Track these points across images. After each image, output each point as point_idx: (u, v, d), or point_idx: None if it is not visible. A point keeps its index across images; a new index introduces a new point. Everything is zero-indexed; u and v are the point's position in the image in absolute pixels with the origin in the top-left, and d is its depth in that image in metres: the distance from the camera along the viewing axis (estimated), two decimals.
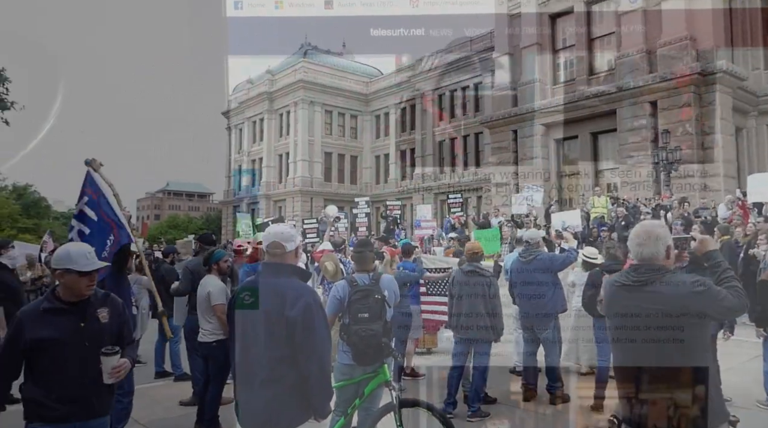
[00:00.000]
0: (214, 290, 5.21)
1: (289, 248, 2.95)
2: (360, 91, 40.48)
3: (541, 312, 5.98)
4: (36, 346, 2.73)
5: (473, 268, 5.81)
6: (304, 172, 37.95)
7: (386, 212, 19.87)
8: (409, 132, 37.96)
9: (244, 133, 42.27)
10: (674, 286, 2.56)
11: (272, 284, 2.86)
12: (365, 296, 4.20)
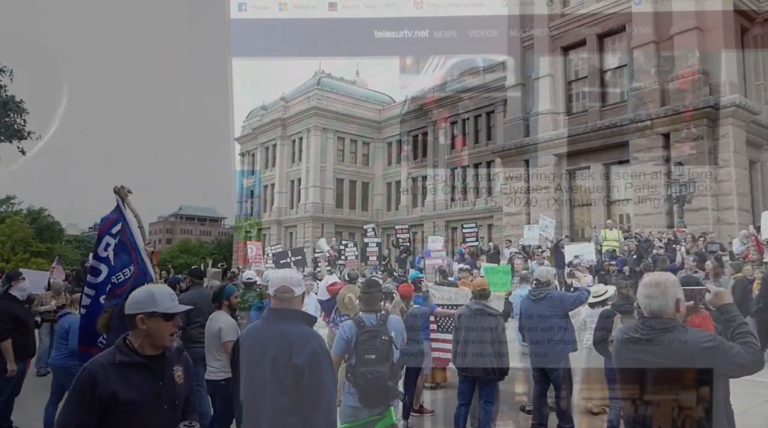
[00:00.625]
0: (225, 326, 5.17)
1: (297, 292, 2.94)
2: (372, 119, 40.90)
3: (551, 352, 5.89)
4: (112, 409, 2.28)
5: (481, 307, 5.76)
6: (315, 198, 38.14)
7: (397, 240, 19.84)
8: (421, 159, 38.14)
9: (257, 158, 42.72)
10: (683, 341, 2.51)
11: (279, 330, 2.84)
12: (372, 337, 4.17)
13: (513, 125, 24.22)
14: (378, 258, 16.77)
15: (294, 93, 40.12)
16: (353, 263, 15.50)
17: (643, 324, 2.64)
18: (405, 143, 39.27)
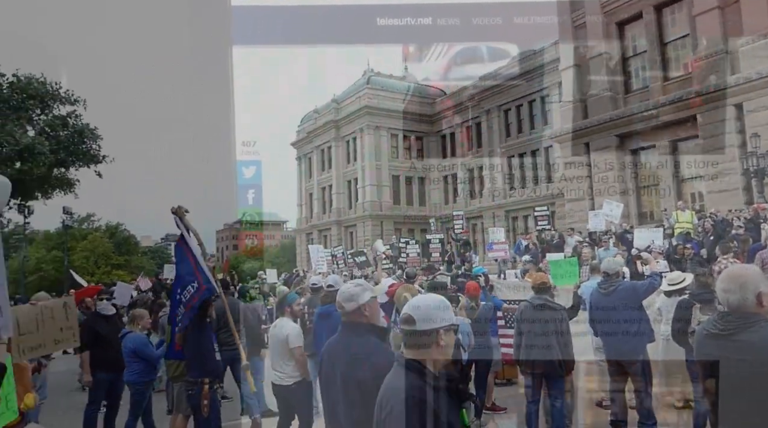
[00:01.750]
0: (291, 333, 5.33)
1: (348, 308, 2.94)
2: (424, 113, 40.73)
3: (626, 345, 5.67)
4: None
5: (543, 302, 5.61)
6: (372, 196, 38.41)
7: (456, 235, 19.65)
8: (476, 150, 37.64)
9: (313, 161, 43.45)
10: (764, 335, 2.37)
11: (345, 345, 2.89)
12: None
13: (570, 108, 23.46)
14: (440, 254, 16.58)
15: (345, 94, 40.51)
16: (415, 261, 15.36)
17: (722, 319, 2.52)
18: (459, 134, 38.88)
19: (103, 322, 7.12)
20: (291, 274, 17.67)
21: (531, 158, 33.64)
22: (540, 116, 32.60)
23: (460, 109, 38.35)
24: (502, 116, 35.44)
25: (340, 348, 2.92)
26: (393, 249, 18.10)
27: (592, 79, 22.04)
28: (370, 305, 3.03)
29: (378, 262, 14.87)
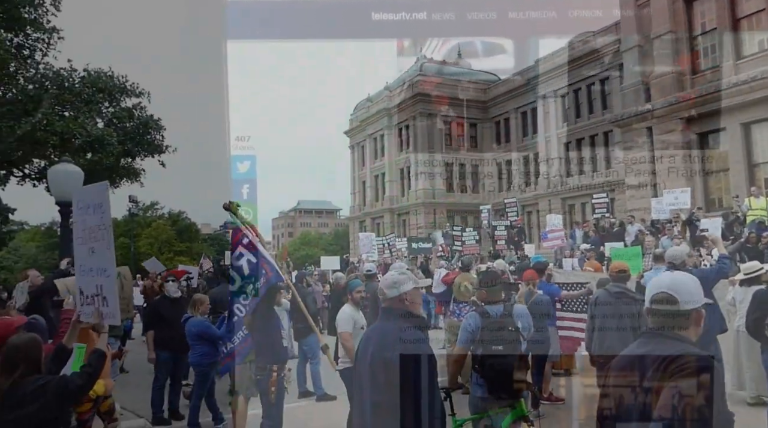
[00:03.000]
0: (340, 317, 5.43)
1: (389, 294, 2.99)
2: (478, 99, 40.09)
3: None
4: None
5: (622, 290, 5.38)
6: (425, 184, 38.26)
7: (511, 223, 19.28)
8: (532, 136, 36.79)
9: (366, 150, 43.65)
10: None
11: (380, 328, 2.99)
12: (499, 328, 4.10)
13: (632, 91, 22.49)
14: (506, 241, 16.23)
15: (398, 82, 40.39)
16: (473, 249, 15.10)
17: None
18: (514, 120, 38.08)
19: (168, 304, 7.47)
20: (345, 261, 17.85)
21: (589, 144, 32.59)
22: (599, 101, 31.48)
23: (515, 94, 37.52)
24: (559, 101, 34.45)
25: (375, 332, 3.01)
26: (446, 237, 17.94)
27: (657, 60, 21.02)
28: (411, 294, 3.04)
29: (434, 253, 14.73)
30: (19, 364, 3.09)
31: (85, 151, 10.61)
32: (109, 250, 3.64)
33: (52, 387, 3.08)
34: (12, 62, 9.87)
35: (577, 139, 33.21)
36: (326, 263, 14.70)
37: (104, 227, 3.65)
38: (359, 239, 18.42)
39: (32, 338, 3.31)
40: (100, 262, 3.68)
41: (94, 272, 3.70)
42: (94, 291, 3.69)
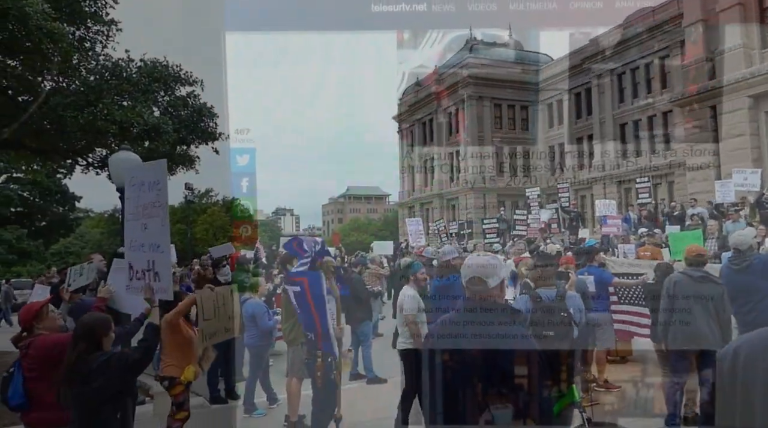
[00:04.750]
0: (406, 300, 5.50)
1: (491, 283, 2.60)
2: (530, 81, 39.07)
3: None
4: None
5: (704, 274, 5.12)
6: (475, 169, 37.76)
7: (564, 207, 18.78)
8: (586, 118, 35.61)
9: (415, 134, 43.42)
10: None
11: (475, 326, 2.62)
12: (550, 313, 4.01)
13: (694, 68, 21.35)
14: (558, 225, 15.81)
15: (447, 65, 39.84)
16: (534, 231, 14.76)
17: None
18: (567, 102, 36.93)
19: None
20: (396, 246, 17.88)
21: (647, 125, 31.26)
22: (658, 79, 30.06)
23: (567, 75, 36.34)
24: (615, 81, 33.13)
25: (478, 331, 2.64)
26: (500, 222, 17.60)
27: (722, 35, 19.84)
28: (505, 282, 2.77)
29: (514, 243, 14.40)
30: (79, 341, 3.27)
31: (142, 139, 11.03)
32: (164, 227, 3.70)
33: (114, 362, 3.27)
34: (75, 55, 10.32)
35: (633, 120, 31.92)
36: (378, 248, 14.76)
37: (159, 204, 3.71)
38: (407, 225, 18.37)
39: (95, 317, 3.48)
40: (152, 238, 3.75)
41: (146, 247, 3.78)
42: (145, 266, 3.78)
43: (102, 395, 3.22)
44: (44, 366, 3.56)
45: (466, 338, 2.61)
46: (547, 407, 2.75)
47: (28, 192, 32.72)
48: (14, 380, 3.71)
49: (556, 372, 3.91)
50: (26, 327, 3.78)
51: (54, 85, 11.38)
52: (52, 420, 3.54)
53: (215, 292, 5.02)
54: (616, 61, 32.09)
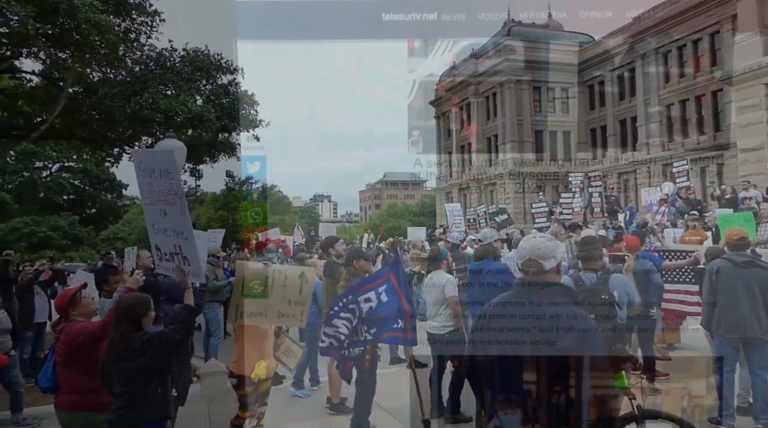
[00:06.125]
0: (448, 283, 5.48)
1: (548, 266, 2.53)
2: (570, 62, 38.06)
3: None
4: None
5: (749, 258, 4.94)
6: (513, 153, 37.19)
7: (607, 192, 18.30)
8: (629, 99, 34.53)
9: (452, 119, 43.01)
10: None
11: (534, 310, 2.57)
12: (591, 296, 3.92)
13: (746, 44, 20.37)
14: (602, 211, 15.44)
15: (484, 48, 39.18)
16: (580, 216, 14.49)
17: None
18: (609, 83, 35.85)
19: None
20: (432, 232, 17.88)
21: (695, 105, 30.08)
22: (707, 57, 28.81)
23: (611, 55, 35.25)
24: (660, 60, 31.97)
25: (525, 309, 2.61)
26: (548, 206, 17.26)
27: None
28: (561, 265, 2.68)
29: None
30: (121, 322, 3.43)
31: (186, 127, 11.29)
32: (183, 215, 3.69)
33: (155, 341, 3.43)
34: (120, 46, 10.61)
35: (680, 100, 30.77)
36: (413, 234, 14.81)
37: (175, 193, 3.69)
38: (446, 210, 18.31)
39: (134, 299, 3.62)
40: (174, 224, 3.75)
41: (170, 232, 3.80)
42: (172, 250, 3.82)
43: (143, 373, 3.39)
44: (70, 352, 3.74)
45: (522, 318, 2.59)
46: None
47: (79, 180, 34.03)
48: (47, 363, 3.93)
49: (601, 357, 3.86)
50: (62, 312, 3.95)
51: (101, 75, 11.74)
52: (77, 403, 3.71)
53: (272, 267, 4.50)
54: (662, 39, 30.92)
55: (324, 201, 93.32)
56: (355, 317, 4.66)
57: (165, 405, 3.52)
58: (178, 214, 3.71)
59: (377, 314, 4.62)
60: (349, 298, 4.63)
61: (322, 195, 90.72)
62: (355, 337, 4.70)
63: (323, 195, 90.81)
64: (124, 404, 3.38)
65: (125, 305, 3.53)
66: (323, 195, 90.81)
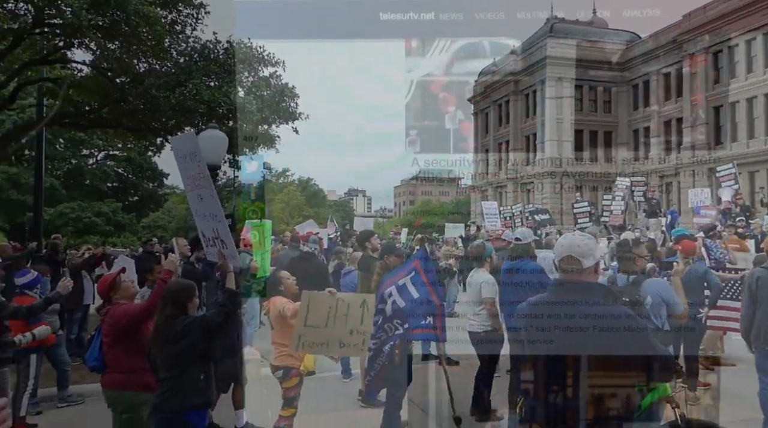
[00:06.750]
0: (485, 284, 5.43)
1: (586, 264, 2.47)
2: (614, 60, 37.15)
3: None
4: None
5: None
6: (552, 152, 36.56)
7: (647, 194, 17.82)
8: (675, 100, 33.48)
9: (490, 117, 42.54)
10: None
11: (568, 309, 2.50)
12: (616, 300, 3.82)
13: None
14: (644, 211, 15.05)
15: (525, 45, 38.57)
16: (619, 219, 14.17)
17: None
18: (654, 83, 34.84)
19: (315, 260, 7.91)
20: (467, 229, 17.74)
21: (745, 108, 28.95)
22: (762, 56, 27.68)
23: (658, 53, 34.25)
24: (710, 59, 30.88)
25: (563, 309, 2.55)
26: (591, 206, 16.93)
27: None
28: (599, 265, 2.60)
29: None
30: (166, 306, 3.52)
31: (227, 118, 11.50)
32: (213, 198, 3.78)
33: (197, 325, 3.50)
34: (166, 37, 10.86)
35: (731, 101, 29.67)
36: (450, 231, 14.74)
37: (203, 176, 3.74)
38: (483, 208, 18.14)
39: (180, 284, 3.71)
40: (210, 208, 3.81)
41: (209, 217, 3.88)
42: (213, 234, 3.91)
43: (185, 358, 3.46)
44: (115, 334, 3.88)
45: (559, 318, 2.53)
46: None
47: (123, 169, 35.14)
48: (94, 343, 4.11)
49: (636, 361, 3.74)
50: (105, 296, 4.12)
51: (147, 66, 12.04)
52: (122, 382, 3.85)
53: (336, 296, 4.49)
54: (713, 38, 29.86)
55: (358, 195, 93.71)
56: (380, 317, 4.69)
57: (208, 391, 3.59)
58: (210, 196, 3.79)
59: (406, 309, 4.61)
60: (378, 298, 4.68)
61: (357, 189, 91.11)
62: (384, 335, 4.72)
63: (357, 190, 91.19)
64: (168, 388, 3.47)
65: (172, 290, 3.61)
66: (357, 190, 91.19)
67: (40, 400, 6.27)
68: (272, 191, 46.72)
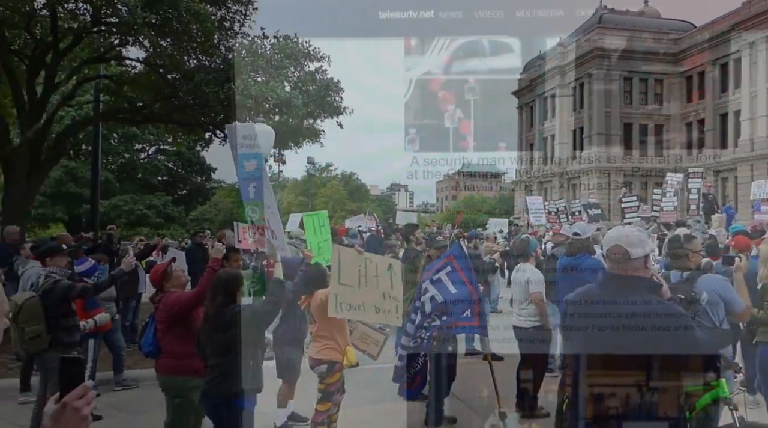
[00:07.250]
0: (532, 278, 5.38)
1: (634, 254, 2.43)
2: (666, 52, 35.85)
3: None
4: None
5: None
6: (600, 147, 35.60)
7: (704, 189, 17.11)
8: (733, 91, 32.03)
9: (536, 110, 41.75)
10: None
11: (616, 302, 2.46)
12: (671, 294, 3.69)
13: None
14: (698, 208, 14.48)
15: (573, 36, 37.62)
16: (671, 215, 13.70)
17: None
18: (711, 73, 33.43)
19: None
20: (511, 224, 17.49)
21: None
22: None
23: (714, 43, 32.81)
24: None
25: (607, 299, 2.50)
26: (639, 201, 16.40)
27: None
28: (649, 258, 2.55)
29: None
30: (217, 295, 3.62)
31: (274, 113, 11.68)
32: (267, 189, 3.85)
33: (246, 314, 3.59)
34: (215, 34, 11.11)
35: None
36: (494, 225, 14.55)
37: (260, 168, 3.87)
38: (528, 203, 17.84)
39: (230, 273, 3.83)
40: (263, 198, 3.93)
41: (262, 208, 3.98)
42: (266, 225, 3.99)
43: (234, 345, 3.55)
44: (168, 320, 4.03)
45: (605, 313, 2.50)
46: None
47: (173, 163, 36.24)
48: (148, 330, 4.27)
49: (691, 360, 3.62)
50: (157, 285, 4.29)
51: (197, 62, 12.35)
52: (175, 368, 3.99)
53: (364, 255, 4.32)
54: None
55: (401, 190, 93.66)
56: (419, 314, 4.65)
57: (256, 378, 3.68)
58: (262, 187, 3.89)
59: (443, 304, 4.56)
60: (416, 292, 4.69)
61: (399, 184, 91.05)
62: (424, 332, 4.68)
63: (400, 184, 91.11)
64: (217, 375, 3.57)
65: (223, 279, 3.71)
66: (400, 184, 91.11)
67: (98, 383, 6.57)
68: (315, 185, 47.28)
